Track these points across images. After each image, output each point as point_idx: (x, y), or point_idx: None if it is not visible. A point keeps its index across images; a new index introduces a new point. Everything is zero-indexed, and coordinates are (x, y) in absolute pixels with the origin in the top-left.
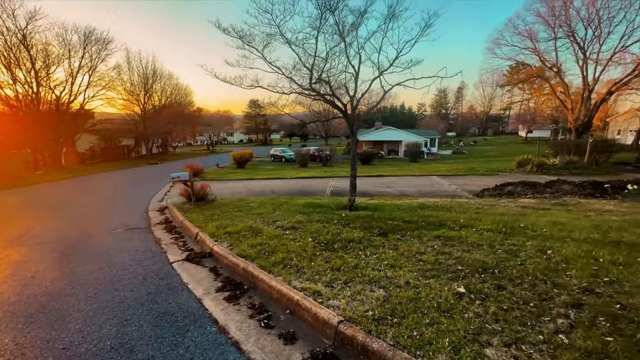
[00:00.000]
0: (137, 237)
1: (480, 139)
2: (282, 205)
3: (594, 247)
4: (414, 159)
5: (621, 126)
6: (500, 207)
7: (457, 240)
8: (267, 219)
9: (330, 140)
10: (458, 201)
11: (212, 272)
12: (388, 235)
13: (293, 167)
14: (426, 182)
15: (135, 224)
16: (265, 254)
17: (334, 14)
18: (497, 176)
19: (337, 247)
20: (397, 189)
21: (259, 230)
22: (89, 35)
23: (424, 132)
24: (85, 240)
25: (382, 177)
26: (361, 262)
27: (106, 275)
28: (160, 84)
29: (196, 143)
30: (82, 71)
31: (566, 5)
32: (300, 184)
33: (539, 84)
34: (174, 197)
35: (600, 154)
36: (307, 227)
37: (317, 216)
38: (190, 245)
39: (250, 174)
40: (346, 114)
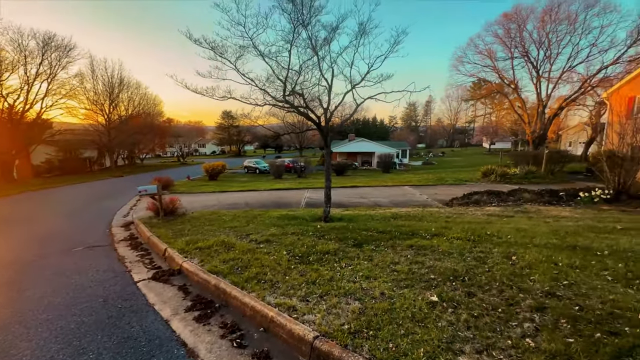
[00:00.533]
0: (99, 255)
1: (448, 150)
2: (256, 218)
3: (554, 252)
4: (387, 169)
5: (572, 138)
6: (468, 215)
7: (429, 249)
8: (240, 233)
9: (305, 151)
10: (429, 210)
11: (181, 291)
12: (363, 246)
13: (267, 178)
14: (399, 192)
15: (97, 241)
16: (239, 269)
17: (306, 29)
18: (464, 186)
19: (313, 260)
20: (371, 199)
21: (231, 244)
22: (49, 42)
23: (395, 143)
24: (38, 261)
25: (357, 187)
26: (336, 274)
27: (61, 298)
28: (128, 94)
29: (166, 155)
30: (39, 79)
31: (520, 29)
32: (274, 195)
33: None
34: (140, 212)
35: (554, 164)
36: (281, 240)
37: (292, 228)
38: (158, 262)
39: (223, 186)
40: (320, 126)
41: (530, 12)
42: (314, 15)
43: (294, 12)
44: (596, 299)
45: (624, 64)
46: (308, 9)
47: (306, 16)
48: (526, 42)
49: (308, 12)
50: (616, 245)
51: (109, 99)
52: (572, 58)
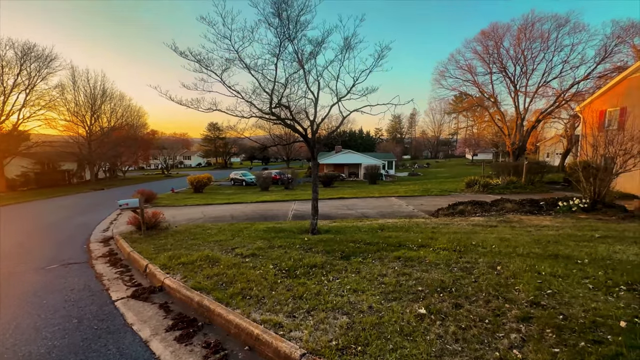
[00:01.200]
0: (74, 273)
1: (433, 161)
2: (242, 232)
3: (537, 261)
4: (374, 181)
5: (549, 150)
6: (454, 226)
7: (416, 260)
8: (225, 247)
9: (292, 163)
10: (415, 221)
11: (163, 309)
12: (350, 259)
13: (254, 190)
14: (385, 203)
15: (73, 257)
16: (223, 285)
17: (292, 43)
18: (449, 196)
19: (300, 274)
20: (358, 210)
21: (216, 259)
22: (28, 52)
23: (382, 155)
24: (9, 279)
25: (344, 199)
26: (324, 288)
27: (31, 321)
28: (110, 105)
29: (149, 167)
30: (17, 89)
31: (497, 45)
32: (261, 208)
33: (479, 112)
34: (121, 227)
35: (534, 175)
36: (268, 254)
37: (279, 241)
38: (138, 279)
39: (209, 199)
40: (307, 138)
41: (507, 30)
42: (300, 30)
43: (280, 27)
44: (579, 307)
45: (594, 79)
46: (294, 24)
47: (292, 31)
48: (503, 59)
49: (294, 27)
50: (595, 253)
51: (91, 111)
52: (547, 74)
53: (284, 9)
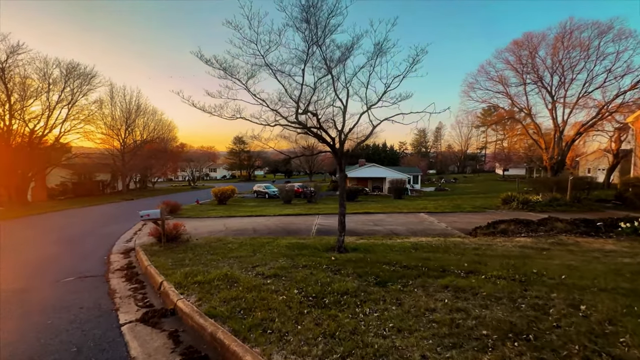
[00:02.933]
0: (88, 288)
1: (460, 176)
2: (263, 247)
3: (632, 301)
4: (399, 195)
5: (591, 165)
6: (498, 247)
7: (469, 291)
8: (245, 264)
9: (314, 176)
10: (452, 241)
11: (172, 339)
12: (387, 285)
13: (277, 203)
14: (415, 219)
15: (91, 270)
16: (241, 312)
17: (320, 48)
18: (484, 213)
19: (329, 303)
20: (386, 227)
21: (235, 279)
22: (72, 70)
23: (406, 169)
24: (22, 293)
25: (370, 214)
26: (360, 323)
27: (28, 346)
28: (144, 119)
29: (177, 179)
30: (60, 105)
31: (532, 55)
32: (284, 221)
33: (510, 125)
34: (143, 237)
35: (580, 191)
36: (291, 275)
37: (303, 260)
38: (151, 298)
39: (232, 211)
40: (334, 148)
41: (542, 39)
42: (328, 35)
43: (309, 31)
44: None
45: None
46: (322, 29)
47: (320, 35)
48: (539, 68)
49: (322, 32)
50: None
51: (126, 124)
52: (588, 84)
53: (312, 13)
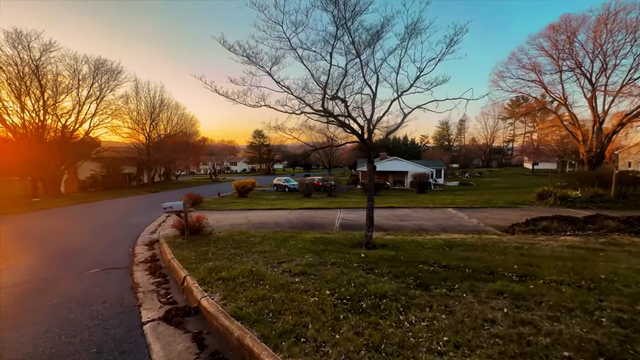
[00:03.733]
0: (112, 280)
1: (485, 170)
2: (287, 241)
3: None
4: (422, 190)
5: (633, 158)
6: (542, 246)
7: (530, 299)
8: (270, 260)
9: (333, 170)
10: (488, 238)
11: (195, 342)
12: (430, 288)
13: (297, 197)
14: (443, 215)
15: (115, 262)
16: (270, 314)
17: (349, 30)
18: (518, 209)
19: (367, 307)
20: (412, 222)
21: (260, 275)
22: (100, 67)
23: (429, 163)
24: (48, 285)
25: (394, 208)
26: (407, 334)
27: (49, 344)
28: (167, 114)
29: (199, 172)
30: (89, 100)
31: (570, 40)
32: (305, 215)
33: (541, 117)
34: (167, 229)
35: (626, 187)
36: (321, 273)
37: (332, 257)
38: (174, 294)
39: (253, 204)
40: (362, 139)
41: (582, 22)
42: (357, 15)
43: (337, 10)
44: None
45: None
46: (352, 8)
47: (349, 17)
48: (578, 54)
49: (351, 12)
50: None
51: (150, 119)
52: (633, 70)
53: None
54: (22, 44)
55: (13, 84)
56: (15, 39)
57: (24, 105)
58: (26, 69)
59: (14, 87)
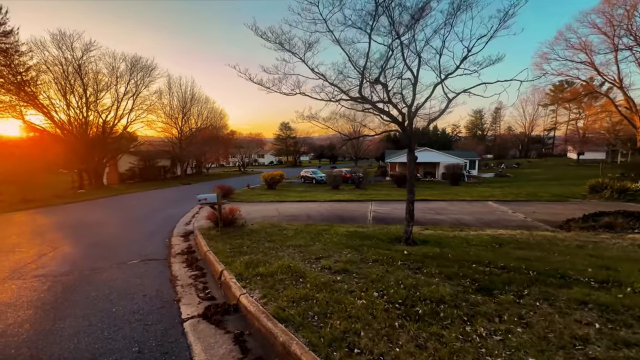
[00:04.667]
0: (151, 272)
1: (523, 161)
2: (321, 235)
3: None
4: (455, 182)
5: None
6: (608, 245)
7: (624, 312)
8: (307, 255)
9: (360, 162)
10: (542, 235)
11: (238, 345)
12: (494, 294)
13: (325, 189)
14: (483, 208)
15: (154, 252)
16: (315, 318)
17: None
18: (569, 203)
19: (424, 314)
20: (450, 216)
21: (299, 272)
22: (135, 64)
23: (462, 153)
24: (92, 275)
25: (428, 201)
26: (480, 351)
27: (91, 339)
28: (197, 108)
29: (228, 164)
30: (126, 96)
31: (629, 14)
32: (336, 207)
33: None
34: (201, 221)
35: None
36: (363, 271)
37: (371, 253)
38: (212, 289)
39: (282, 196)
40: (403, 126)
41: None
42: None
43: None
44: None
45: None
46: None
47: None
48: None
49: None
50: None
51: (182, 113)
52: None
53: None
54: (66, 44)
55: (59, 83)
56: (60, 40)
57: (69, 103)
58: (70, 68)
59: (60, 85)
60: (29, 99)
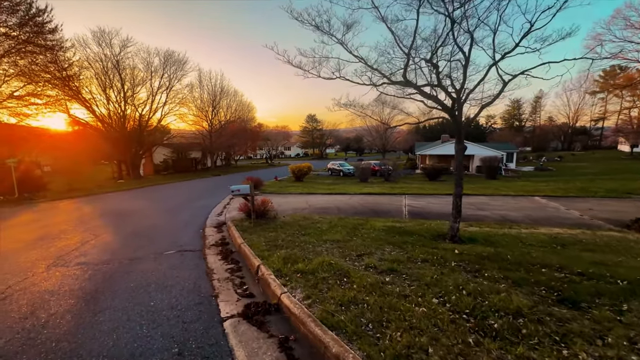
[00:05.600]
0: (187, 264)
1: (567, 154)
2: (357, 230)
3: None
4: (492, 175)
5: None
6: None
7: None
8: (346, 251)
9: (387, 155)
10: (609, 236)
11: (284, 353)
12: (582, 307)
13: (353, 181)
14: (530, 204)
15: (189, 243)
16: (369, 326)
17: None
18: (630, 200)
19: (501, 329)
20: (494, 212)
21: (342, 271)
22: (168, 58)
23: (498, 145)
24: (130, 264)
25: (467, 196)
26: None
27: (130, 336)
28: (227, 101)
29: (255, 156)
30: (160, 90)
31: None
32: (367, 201)
33: None
34: (232, 212)
35: None
36: (413, 272)
37: (418, 251)
38: (250, 285)
39: (310, 188)
40: (452, 111)
41: None
42: None
43: None
44: None
45: None
46: None
47: None
48: None
49: None
50: None
51: (212, 106)
52: None
53: None
54: (105, 41)
55: (99, 78)
56: (100, 37)
57: (108, 97)
58: (109, 64)
59: (100, 81)
60: (73, 94)
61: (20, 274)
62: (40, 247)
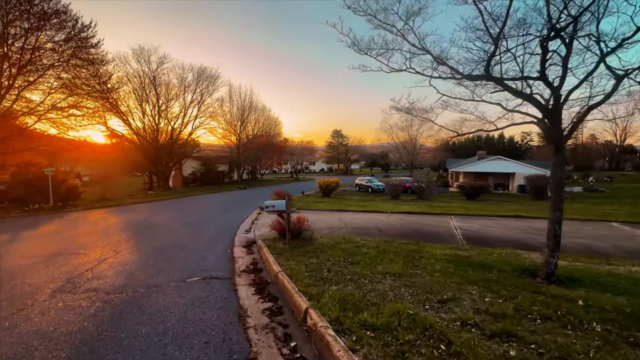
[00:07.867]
0: (214, 298)
1: (616, 174)
2: (414, 258)
3: None
4: (540, 195)
5: None
6: None
7: None
8: (418, 291)
9: (415, 171)
10: None
11: None
12: None
13: (383, 198)
14: (611, 232)
15: (216, 267)
16: None
17: None
18: None
19: None
20: (572, 240)
21: (434, 330)
22: (201, 74)
23: (538, 163)
24: (146, 295)
25: (522, 218)
26: None
27: None
28: (255, 115)
29: (280, 171)
30: (192, 104)
31: None
32: (408, 221)
33: None
34: (262, 228)
35: None
36: (545, 341)
37: (524, 300)
38: (297, 338)
39: (340, 204)
40: (550, 112)
41: None
42: None
43: None
44: None
45: None
46: None
47: None
48: None
49: None
50: None
51: (240, 120)
52: None
53: None
54: (144, 58)
55: (137, 93)
56: (139, 54)
57: (144, 111)
58: (146, 79)
59: (137, 95)
60: (112, 107)
61: (18, 301)
62: (53, 265)
